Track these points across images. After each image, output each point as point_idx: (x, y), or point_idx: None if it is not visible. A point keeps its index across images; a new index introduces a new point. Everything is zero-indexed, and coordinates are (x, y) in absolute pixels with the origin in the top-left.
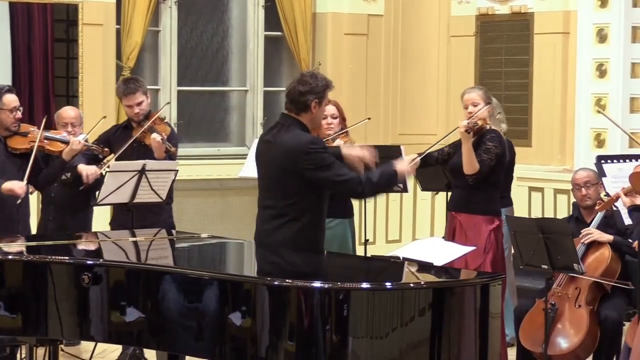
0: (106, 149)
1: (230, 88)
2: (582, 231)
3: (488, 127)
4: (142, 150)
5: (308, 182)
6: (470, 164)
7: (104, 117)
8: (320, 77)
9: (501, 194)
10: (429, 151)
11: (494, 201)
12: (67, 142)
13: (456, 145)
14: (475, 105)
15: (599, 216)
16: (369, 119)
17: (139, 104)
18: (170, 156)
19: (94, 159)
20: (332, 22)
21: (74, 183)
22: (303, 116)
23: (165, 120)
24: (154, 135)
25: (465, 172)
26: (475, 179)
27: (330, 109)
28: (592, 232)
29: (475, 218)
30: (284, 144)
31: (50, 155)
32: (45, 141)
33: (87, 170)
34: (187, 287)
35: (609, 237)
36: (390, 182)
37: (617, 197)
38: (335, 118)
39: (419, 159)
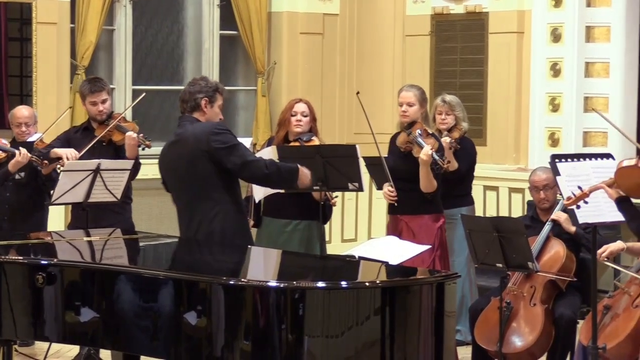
0: (45, 161)
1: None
2: (553, 215)
3: (430, 132)
4: (103, 150)
5: (218, 163)
6: (429, 184)
7: (70, 107)
8: (211, 80)
9: (462, 192)
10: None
11: (437, 199)
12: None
13: (392, 152)
14: (410, 105)
15: (559, 206)
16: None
17: (104, 101)
18: (139, 155)
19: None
20: (287, 21)
21: (27, 183)
22: (197, 115)
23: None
24: (130, 133)
25: (424, 191)
26: (433, 195)
27: (301, 107)
28: (561, 216)
29: (422, 218)
30: (191, 134)
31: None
32: None
33: (66, 153)
34: (142, 287)
35: (572, 228)
36: (292, 175)
37: (593, 191)
38: (306, 116)
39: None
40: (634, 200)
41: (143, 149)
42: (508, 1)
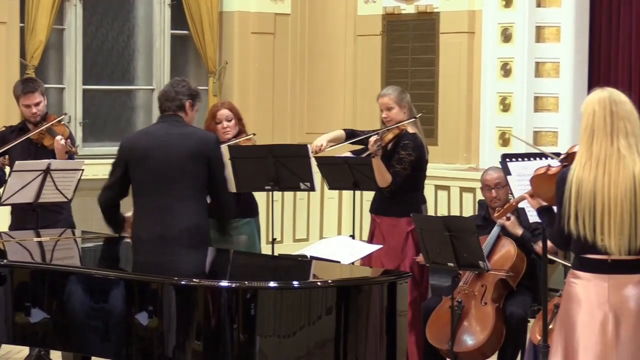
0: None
1: (136, 87)
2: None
3: (404, 131)
4: (39, 152)
5: (208, 169)
6: (381, 177)
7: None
8: (192, 84)
9: None
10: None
11: (414, 203)
12: None
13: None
14: (389, 110)
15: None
16: (254, 134)
17: (37, 104)
18: (71, 156)
19: None
20: (238, 21)
21: None
22: (181, 114)
23: (62, 122)
24: (58, 138)
25: (379, 185)
26: (389, 191)
27: (223, 113)
28: (506, 221)
29: (395, 220)
30: (196, 133)
31: None
32: None
33: None
34: (93, 288)
35: (519, 231)
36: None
37: (519, 202)
38: (230, 120)
39: None
40: None
41: (71, 156)
42: (459, 1)
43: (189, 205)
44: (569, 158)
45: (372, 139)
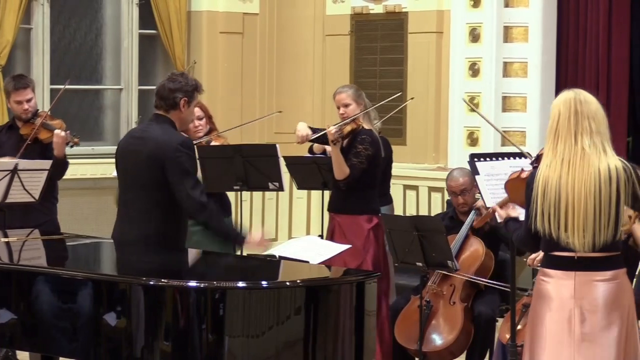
0: None
1: (104, 86)
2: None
3: (361, 127)
4: (29, 149)
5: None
6: (339, 169)
7: None
8: (190, 78)
9: (381, 192)
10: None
11: (371, 200)
12: None
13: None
14: (346, 106)
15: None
16: (279, 112)
17: (29, 100)
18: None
19: None
20: (207, 21)
21: None
22: (172, 114)
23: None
24: (57, 131)
25: (336, 177)
26: (346, 184)
27: (195, 112)
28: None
29: (354, 218)
30: (156, 137)
31: None
32: None
33: None
34: (60, 288)
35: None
36: (227, 237)
37: (494, 212)
38: (201, 119)
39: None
40: None
41: (71, 147)
42: (427, 1)
43: (144, 211)
44: (538, 160)
45: (332, 128)
